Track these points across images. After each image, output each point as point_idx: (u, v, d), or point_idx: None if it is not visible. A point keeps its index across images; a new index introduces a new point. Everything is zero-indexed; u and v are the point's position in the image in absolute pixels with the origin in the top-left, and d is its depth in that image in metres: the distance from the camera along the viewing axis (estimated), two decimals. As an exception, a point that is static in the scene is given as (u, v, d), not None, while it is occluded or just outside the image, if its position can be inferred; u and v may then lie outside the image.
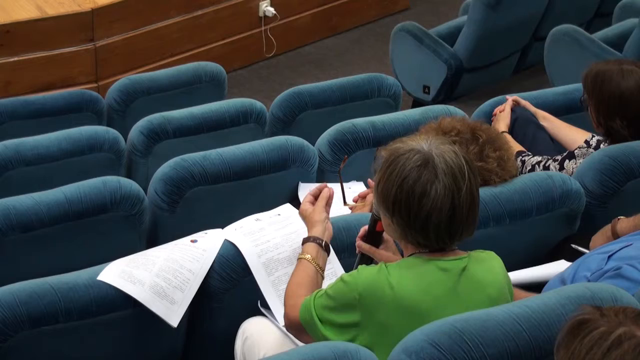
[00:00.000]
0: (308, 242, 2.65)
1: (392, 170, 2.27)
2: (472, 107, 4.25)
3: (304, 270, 2.58)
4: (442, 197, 2.23)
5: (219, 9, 6.30)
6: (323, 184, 2.81)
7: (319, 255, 2.62)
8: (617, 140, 3.34)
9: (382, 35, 6.77)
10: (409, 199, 2.24)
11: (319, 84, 4.33)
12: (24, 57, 5.61)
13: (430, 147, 2.27)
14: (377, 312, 2.26)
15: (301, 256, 2.62)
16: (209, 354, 2.97)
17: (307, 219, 2.74)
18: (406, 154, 2.27)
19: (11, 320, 2.53)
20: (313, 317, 2.35)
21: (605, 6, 6.18)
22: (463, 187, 2.24)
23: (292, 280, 2.57)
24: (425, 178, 2.23)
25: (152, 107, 4.28)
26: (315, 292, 2.40)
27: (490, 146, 2.92)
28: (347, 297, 2.29)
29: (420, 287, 2.27)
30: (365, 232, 2.57)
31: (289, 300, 2.50)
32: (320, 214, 2.71)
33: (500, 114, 3.79)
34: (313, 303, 2.37)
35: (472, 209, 2.28)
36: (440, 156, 2.25)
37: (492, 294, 2.33)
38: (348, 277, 2.31)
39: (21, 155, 3.73)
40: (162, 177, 3.36)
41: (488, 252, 2.42)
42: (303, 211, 2.77)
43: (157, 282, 2.67)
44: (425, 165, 2.24)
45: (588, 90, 3.39)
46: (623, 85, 3.29)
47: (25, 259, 3.15)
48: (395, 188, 2.26)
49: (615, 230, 2.87)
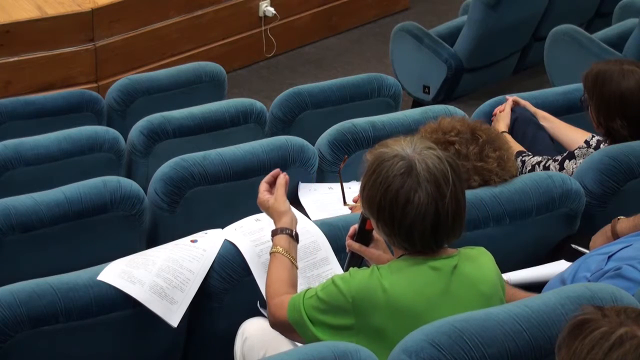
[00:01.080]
0: (278, 235, 2.61)
1: (376, 177, 2.28)
2: (472, 107, 4.25)
3: (280, 264, 2.55)
4: (425, 205, 2.23)
5: (219, 9, 6.30)
6: (276, 170, 2.74)
7: (291, 246, 2.59)
8: (617, 140, 3.34)
9: (382, 35, 6.77)
10: (392, 207, 2.25)
11: (319, 84, 4.33)
12: (24, 57, 5.61)
13: (414, 153, 2.27)
14: (371, 317, 2.26)
15: (274, 250, 2.58)
16: (209, 354, 2.97)
17: (271, 210, 2.66)
18: (390, 160, 2.27)
19: (11, 320, 2.53)
20: (304, 318, 2.34)
21: (605, 6, 6.18)
22: (447, 193, 2.24)
23: (273, 277, 2.54)
24: (408, 186, 2.23)
25: (152, 107, 4.28)
26: (304, 292, 2.38)
27: (490, 146, 2.92)
28: (340, 301, 2.28)
29: (413, 288, 2.26)
30: (355, 231, 2.57)
31: (273, 299, 2.48)
32: (284, 203, 2.66)
33: (500, 114, 3.79)
34: (302, 304, 2.35)
35: (457, 214, 2.27)
36: (422, 162, 2.25)
37: (485, 290, 2.33)
38: (340, 282, 2.30)
39: (21, 155, 3.73)
40: (162, 177, 3.36)
41: (478, 249, 2.41)
42: (264, 202, 2.68)
43: (157, 282, 2.67)
44: (409, 173, 2.24)
45: (588, 90, 3.38)
46: (623, 86, 3.29)
47: (25, 259, 3.15)
48: (379, 195, 2.26)
49: (615, 230, 2.87)
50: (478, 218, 2.95)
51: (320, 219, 2.96)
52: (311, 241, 2.82)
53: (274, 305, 2.47)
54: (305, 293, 2.37)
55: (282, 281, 2.52)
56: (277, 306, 2.45)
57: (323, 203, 3.45)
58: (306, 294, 2.36)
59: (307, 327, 2.33)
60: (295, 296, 2.40)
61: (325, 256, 2.82)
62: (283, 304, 2.42)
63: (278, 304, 2.45)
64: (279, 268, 2.55)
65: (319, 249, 2.83)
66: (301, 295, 2.37)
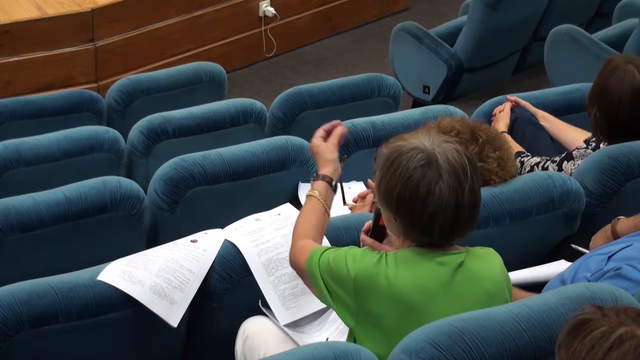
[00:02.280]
0: (319, 180, 2.61)
1: (395, 169, 2.26)
2: (472, 107, 4.25)
3: (313, 208, 2.56)
4: (446, 197, 2.22)
5: (219, 9, 6.30)
6: (336, 121, 2.74)
7: (328, 194, 2.60)
8: (594, 128, 3.36)
9: (382, 35, 6.77)
10: (412, 199, 2.23)
11: (319, 84, 4.33)
12: (24, 57, 5.61)
13: (433, 146, 2.26)
14: (370, 301, 2.26)
15: (311, 193, 2.58)
16: (209, 354, 2.97)
17: (319, 155, 2.67)
18: (409, 152, 2.26)
19: (11, 320, 2.53)
20: (317, 275, 2.35)
21: (605, 6, 6.18)
22: (466, 186, 2.24)
23: (303, 217, 2.55)
24: (429, 177, 2.22)
25: (152, 107, 4.28)
26: (323, 249, 2.38)
27: (490, 146, 2.92)
28: (344, 276, 2.29)
29: (415, 280, 2.26)
30: (369, 227, 2.56)
31: (299, 240, 2.49)
32: (333, 152, 2.66)
33: (499, 114, 3.79)
34: (319, 261, 2.36)
35: (474, 207, 2.28)
36: (443, 155, 2.24)
37: (489, 288, 2.32)
38: (350, 259, 2.30)
39: (21, 155, 3.73)
40: (162, 177, 3.36)
41: (487, 249, 2.41)
42: (315, 146, 2.68)
43: (157, 282, 2.67)
44: (429, 165, 2.23)
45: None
46: (611, 79, 3.32)
47: (25, 259, 3.14)
48: (399, 187, 2.24)
49: (615, 230, 2.87)
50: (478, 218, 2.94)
51: (321, 219, 2.96)
52: (311, 241, 2.83)
53: (298, 247, 2.47)
54: (323, 252, 2.37)
55: (312, 225, 2.52)
56: (300, 249, 2.46)
57: (323, 203, 3.45)
58: (324, 254, 2.36)
59: (319, 283, 2.35)
60: (316, 250, 2.40)
61: (325, 256, 2.82)
62: (306, 249, 2.43)
63: (302, 247, 2.45)
64: (311, 212, 2.56)
65: (319, 249, 2.83)
66: (319, 252, 2.38)
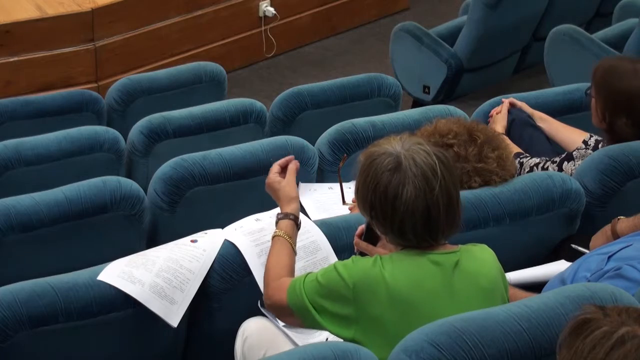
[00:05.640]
0: (284, 219, 2.60)
1: (366, 175, 2.30)
2: (472, 107, 4.25)
3: (282, 249, 2.55)
4: (413, 199, 2.24)
5: (219, 9, 6.30)
6: (290, 157, 2.75)
7: (294, 233, 2.60)
8: (617, 136, 3.32)
9: (382, 35, 6.77)
10: (382, 203, 2.27)
11: (319, 84, 4.33)
12: (24, 57, 5.61)
13: (402, 149, 2.28)
14: (371, 306, 2.26)
15: (278, 233, 2.58)
16: (209, 354, 2.97)
17: (280, 192, 2.66)
18: (379, 157, 2.29)
19: (11, 320, 2.53)
20: (305, 302, 2.33)
21: (605, 6, 6.18)
22: (436, 186, 2.25)
23: (273, 260, 2.54)
24: (396, 181, 2.25)
25: (152, 107, 4.28)
26: (304, 276, 2.38)
27: (488, 146, 2.92)
28: (340, 287, 2.28)
29: (412, 280, 2.27)
30: (363, 231, 2.57)
31: (273, 282, 2.48)
32: (294, 188, 2.67)
33: (496, 116, 3.77)
34: (303, 288, 2.34)
35: (449, 206, 2.28)
36: (410, 158, 2.26)
37: (485, 284, 2.32)
38: (342, 268, 2.30)
39: (21, 155, 3.73)
40: (162, 177, 3.36)
41: (480, 245, 2.42)
42: (274, 183, 2.68)
43: (157, 282, 2.67)
44: (397, 169, 2.26)
45: (597, 84, 3.34)
46: (634, 85, 3.26)
47: (25, 259, 3.14)
48: (370, 193, 2.28)
49: (615, 230, 2.87)
50: (478, 218, 2.95)
51: (320, 219, 2.96)
52: (311, 241, 2.83)
53: (273, 288, 2.46)
54: (305, 277, 2.37)
55: (283, 265, 2.52)
56: (275, 289, 2.45)
57: (323, 203, 3.45)
58: (307, 278, 2.36)
59: (309, 310, 2.33)
60: (295, 280, 2.40)
61: (325, 256, 2.83)
62: (282, 287, 2.41)
63: (277, 287, 2.44)
64: (280, 252, 2.55)
65: (319, 249, 2.83)
66: (301, 279, 2.37)
